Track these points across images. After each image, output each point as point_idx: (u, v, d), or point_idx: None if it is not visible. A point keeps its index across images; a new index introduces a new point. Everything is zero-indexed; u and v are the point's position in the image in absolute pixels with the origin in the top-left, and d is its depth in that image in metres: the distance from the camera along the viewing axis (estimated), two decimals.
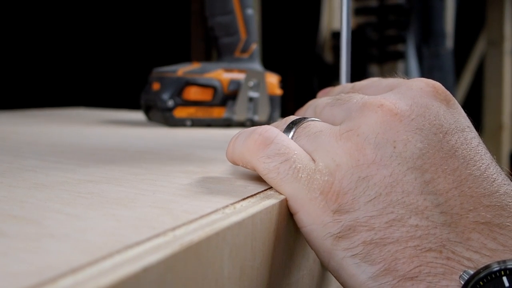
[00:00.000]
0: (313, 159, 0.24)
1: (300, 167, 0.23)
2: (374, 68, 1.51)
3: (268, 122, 0.61)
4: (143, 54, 1.33)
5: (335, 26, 1.50)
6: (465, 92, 1.97)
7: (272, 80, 0.62)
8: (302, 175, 0.23)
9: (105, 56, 1.29)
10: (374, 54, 1.46)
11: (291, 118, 0.28)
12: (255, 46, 0.61)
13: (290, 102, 1.64)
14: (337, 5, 1.48)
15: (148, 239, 0.17)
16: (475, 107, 1.88)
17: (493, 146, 1.79)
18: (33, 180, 0.26)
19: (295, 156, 0.24)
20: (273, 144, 0.24)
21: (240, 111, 0.59)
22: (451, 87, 1.60)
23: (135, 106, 0.70)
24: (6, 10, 1.07)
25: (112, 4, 1.30)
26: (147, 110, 0.60)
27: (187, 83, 0.57)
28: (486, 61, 1.86)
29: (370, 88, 0.30)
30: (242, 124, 0.60)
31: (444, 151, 0.23)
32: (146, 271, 0.15)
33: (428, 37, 1.57)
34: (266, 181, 0.25)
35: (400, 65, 1.51)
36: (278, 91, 0.62)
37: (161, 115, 0.58)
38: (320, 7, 1.65)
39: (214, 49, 0.82)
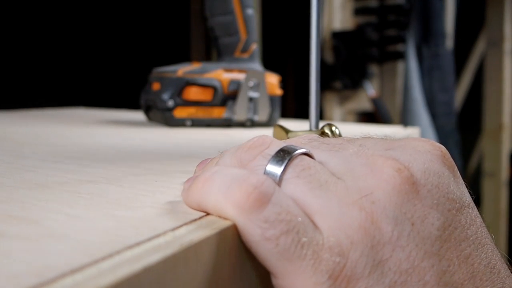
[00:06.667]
0: (314, 223, 0.20)
1: (305, 241, 0.19)
2: (374, 68, 1.51)
3: (268, 122, 0.61)
4: (143, 54, 1.33)
5: (335, 26, 1.50)
6: (465, 92, 1.97)
7: (272, 80, 0.62)
8: (308, 252, 0.19)
9: (105, 56, 1.29)
10: (374, 54, 1.46)
11: (274, 143, 0.22)
12: (255, 46, 0.61)
13: (290, 102, 1.64)
14: (337, 5, 1.48)
15: (149, 239, 0.17)
16: (475, 107, 1.88)
17: (493, 146, 1.79)
18: (33, 180, 0.26)
19: (299, 226, 0.19)
20: (271, 204, 0.19)
21: (240, 111, 0.59)
22: (451, 87, 1.60)
23: (135, 106, 0.70)
24: (6, 10, 1.07)
25: (112, 4, 1.31)
26: (147, 110, 0.60)
27: (187, 83, 0.57)
28: (486, 61, 1.86)
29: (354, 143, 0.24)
30: (242, 124, 0.60)
31: (457, 232, 0.21)
32: (146, 271, 0.15)
33: (428, 37, 1.56)
34: (251, 247, 0.19)
35: (400, 65, 1.51)
36: (278, 91, 0.62)
37: (161, 115, 0.58)
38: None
39: (214, 49, 0.82)
